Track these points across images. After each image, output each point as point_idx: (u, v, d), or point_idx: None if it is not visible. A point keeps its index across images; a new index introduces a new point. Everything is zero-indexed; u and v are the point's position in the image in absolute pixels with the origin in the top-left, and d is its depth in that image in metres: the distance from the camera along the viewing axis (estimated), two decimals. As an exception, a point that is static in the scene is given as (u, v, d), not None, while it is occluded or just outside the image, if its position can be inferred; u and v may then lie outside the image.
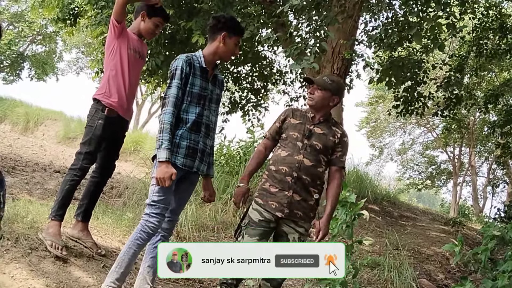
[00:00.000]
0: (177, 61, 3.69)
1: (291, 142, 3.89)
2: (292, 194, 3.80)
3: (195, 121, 3.67)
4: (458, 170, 28.89)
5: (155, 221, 3.55)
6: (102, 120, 4.44)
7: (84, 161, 4.45)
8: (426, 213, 14.76)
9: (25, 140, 19.08)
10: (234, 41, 3.79)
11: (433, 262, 7.90)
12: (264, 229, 3.81)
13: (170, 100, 3.58)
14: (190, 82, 3.67)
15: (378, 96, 27.05)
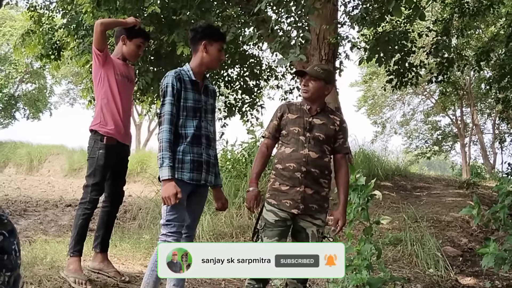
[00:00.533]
0: (166, 78, 3.68)
1: (293, 137, 3.86)
2: (304, 189, 3.79)
3: (194, 134, 3.66)
4: (463, 131, 28.85)
5: (172, 240, 3.54)
6: (102, 150, 4.46)
7: (92, 193, 4.47)
8: (438, 180, 14.74)
9: (32, 180, 19.17)
10: (216, 47, 3.76)
11: (454, 228, 7.89)
12: (282, 228, 3.81)
13: (165, 118, 3.58)
14: (183, 97, 3.66)
15: (371, 73, 27.06)
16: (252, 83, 13.56)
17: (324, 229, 3.97)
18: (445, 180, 15.00)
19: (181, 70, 3.77)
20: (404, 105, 32.81)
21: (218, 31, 3.86)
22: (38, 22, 11.70)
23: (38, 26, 11.61)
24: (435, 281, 5.43)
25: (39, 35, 11.02)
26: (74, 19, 10.11)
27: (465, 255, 6.80)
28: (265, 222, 3.83)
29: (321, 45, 9.83)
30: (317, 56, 9.88)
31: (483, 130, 30.48)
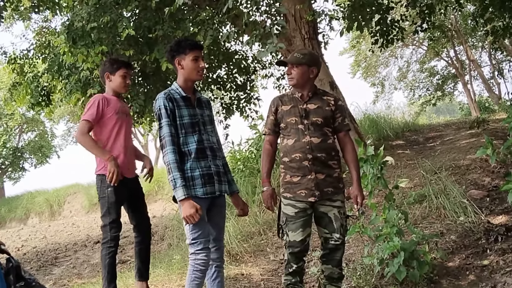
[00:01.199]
0: (157, 101, 3.68)
1: (292, 128, 3.88)
2: (316, 175, 3.80)
3: (197, 149, 3.66)
4: (461, 70, 28.68)
5: (202, 257, 3.56)
6: (111, 188, 4.53)
7: (112, 231, 4.56)
8: (448, 125, 14.67)
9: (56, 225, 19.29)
10: (189, 59, 3.72)
11: (474, 170, 7.85)
12: (303, 218, 3.83)
13: (166, 140, 3.58)
14: (178, 115, 3.65)
15: (356, 37, 26.92)
16: (242, 78, 13.54)
17: (345, 209, 3.98)
18: (455, 123, 14.92)
19: (171, 90, 3.78)
20: (397, 60, 32.71)
21: (186, 43, 3.79)
22: (21, 73, 11.75)
23: (22, 76, 11.66)
24: (467, 228, 5.42)
25: (25, 85, 11.07)
26: (54, 61, 10.13)
27: (491, 194, 6.76)
28: (286, 217, 3.86)
29: (300, 25, 9.80)
30: (298, 37, 9.85)
31: (481, 63, 30.32)
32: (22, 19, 14.79)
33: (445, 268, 4.60)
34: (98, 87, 9.58)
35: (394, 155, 10.21)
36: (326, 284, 4.02)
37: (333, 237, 3.87)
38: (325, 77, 10.03)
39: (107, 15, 8.74)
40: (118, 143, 4.67)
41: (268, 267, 5.70)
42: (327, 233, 3.89)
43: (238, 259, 6.03)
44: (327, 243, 3.91)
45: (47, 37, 11.66)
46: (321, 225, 3.92)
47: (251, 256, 6.13)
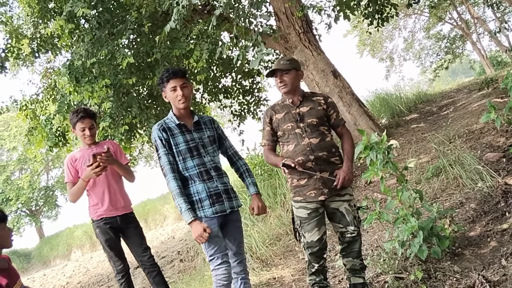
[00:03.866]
0: (153, 133, 3.87)
1: (290, 134, 3.99)
2: (320, 174, 3.92)
3: (200, 172, 3.80)
4: (467, 29, 28.38)
5: (222, 271, 3.72)
6: (98, 229, 5.02)
7: (115, 264, 5.04)
8: (460, 89, 14.60)
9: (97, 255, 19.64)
10: (169, 89, 3.87)
11: (487, 132, 7.83)
12: (317, 218, 3.95)
13: (166, 169, 3.76)
14: (173, 143, 3.81)
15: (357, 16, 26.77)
16: (248, 82, 13.64)
17: (355, 201, 4.10)
18: (466, 87, 14.83)
19: (165, 119, 3.94)
20: (401, 31, 32.48)
21: (164, 75, 3.91)
22: (34, 117, 11.99)
23: (36, 120, 11.89)
24: (486, 194, 5.44)
25: (39, 129, 11.29)
26: (63, 102, 10.32)
27: (507, 154, 6.74)
28: (299, 220, 3.98)
29: (292, 21, 9.88)
30: (293, 33, 9.94)
31: (485, 19, 29.93)
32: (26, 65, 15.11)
33: (467, 239, 4.65)
34: (109, 119, 9.77)
35: (408, 130, 10.24)
36: (350, 277, 4.13)
37: (348, 230, 3.98)
38: (326, 67, 10.09)
39: (104, 49, 8.91)
40: (97, 188, 5.01)
41: (299, 266, 5.79)
42: (342, 227, 4.00)
43: (268, 264, 6.14)
44: (343, 237, 4.02)
45: (53, 78, 11.89)
46: (335, 221, 4.03)
47: (281, 258, 6.23)
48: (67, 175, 5.03)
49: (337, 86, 10.03)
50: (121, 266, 4.99)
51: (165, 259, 10.85)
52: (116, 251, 5.01)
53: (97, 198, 5.01)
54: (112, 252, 4.99)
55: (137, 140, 12.37)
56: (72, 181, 4.97)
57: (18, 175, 35.26)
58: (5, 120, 31.76)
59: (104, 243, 5.01)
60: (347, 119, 9.92)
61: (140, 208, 23.95)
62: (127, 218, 5.17)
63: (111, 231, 4.99)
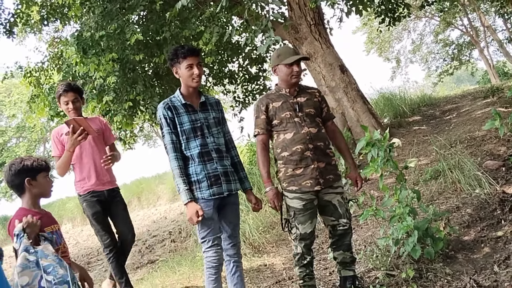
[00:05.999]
0: (158, 111, 3.87)
1: (288, 122, 3.96)
2: (318, 164, 3.93)
3: (201, 152, 3.80)
4: (476, 36, 28.33)
5: (212, 253, 3.75)
6: (85, 202, 5.03)
7: (103, 238, 5.05)
8: (465, 95, 14.58)
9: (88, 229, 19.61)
10: (184, 66, 3.84)
11: (490, 140, 7.85)
12: (311, 210, 3.95)
13: (168, 148, 3.78)
14: (178, 122, 3.81)
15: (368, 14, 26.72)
16: (255, 69, 13.62)
17: (345, 194, 4.13)
18: (471, 93, 14.83)
19: (171, 98, 3.93)
20: (410, 33, 32.44)
21: (180, 51, 3.88)
22: (38, 85, 11.97)
23: (39, 89, 11.88)
24: (483, 201, 5.45)
25: (42, 97, 11.28)
26: (68, 72, 10.32)
27: (507, 163, 6.75)
28: (293, 211, 3.95)
29: (304, 12, 9.86)
30: (304, 24, 9.92)
31: (496, 28, 29.85)
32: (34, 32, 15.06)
33: (461, 242, 4.67)
34: (112, 94, 9.76)
35: (410, 131, 10.25)
36: (340, 270, 4.15)
37: (340, 223, 4.00)
38: (334, 61, 10.08)
39: (114, 22, 8.90)
40: (84, 163, 5.05)
41: (290, 255, 5.80)
42: (334, 220, 4.00)
43: (260, 250, 6.16)
44: (335, 230, 4.03)
45: (59, 48, 11.86)
46: (326, 214, 4.04)
47: (273, 246, 6.26)
48: (54, 149, 5.08)
49: (343, 81, 10.02)
50: (108, 240, 5.01)
51: (156, 238, 10.88)
52: (104, 224, 5.03)
53: (83, 173, 5.06)
54: (100, 226, 5.00)
55: (139, 118, 12.36)
56: (59, 155, 4.98)
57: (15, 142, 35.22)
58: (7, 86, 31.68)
59: (91, 216, 5.01)
60: (350, 115, 9.94)
61: (134, 186, 23.93)
62: (114, 192, 5.22)
63: (98, 204, 5.03)
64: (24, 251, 2.96)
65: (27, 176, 3.23)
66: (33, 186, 3.24)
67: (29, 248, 2.98)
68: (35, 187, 3.25)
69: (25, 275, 2.89)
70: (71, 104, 5.00)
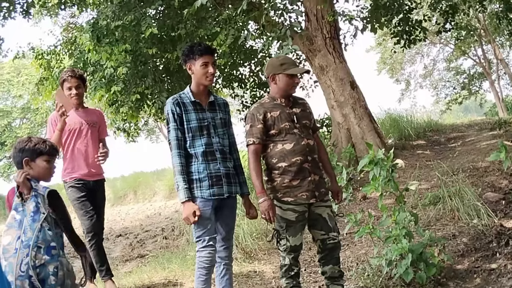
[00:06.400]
0: (166, 106, 3.84)
1: (288, 133, 3.90)
2: (314, 177, 3.91)
3: (205, 151, 3.77)
4: (489, 69, 28.34)
5: (206, 254, 3.72)
6: (70, 188, 5.06)
7: (85, 223, 5.01)
8: (471, 126, 14.55)
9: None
10: (199, 64, 3.80)
11: (492, 172, 7.82)
12: (302, 223, 3.92)
13: (173, 144, 3.75)
14: (186, 119, 3.78)
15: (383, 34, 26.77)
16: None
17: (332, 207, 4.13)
18: (478, 124, 14.80)
19: (181, 94, 3.91)
20: (423, 58, 32.48)
21: (197, 48, 3.85)
22: (48, 68, 12.00)
23: (49, 71, 11.90)
24: (480, 231, 5.42)
25: (51, 81, 11.31)
26: (80, 58, 10.35)
27: (507, 197, 6.71)
28: (285, 222, 3.87)
29: (321, 24, 9.86)
30: (320, 36, 9.92)
31: (509, 62, 29.86)
32: (50, 15, 15.07)
33: (454, 271, 4.64)
34: (121, 85, 9.77)
35: (413, 155, 10.22)
36: (329, 284, 4.10)
37: (330, 236, 3.95)
38: (346, 77, 10.08)
39: (131, 14, 8.92)
40: (75, 154, 5.09)
41: (281, 265, 5.79)
42: (324, 234, 3.95)
43: (252, 257, 6.13)
44: (324, 244, 3.97)
45: (74, 34, 11.89)
46: (316, 227, 3.98)
47: (265, 253, 6.23)
48: (49, 132, 5.10)
49: (352, 97, 10.02)
50: (91, 225, 4.98)
51: (148, 233, 10.86)
52: (87, 209, 5.02)
53: (74, 163, 5.11)
54: (83, 210, 4.99)
55: (145, 111, 12.37)
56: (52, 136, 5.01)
57: (18, 123, 35.30)
58: (16, 66, 31.71)
59: (76, 200, 5.01)
60: (355, 132, 9.92)
61: (131, 179, 23.94)
62: (99, 183, 5.28)
63: (84, 190, 5.06)
64: (14, 209, 2.99)
65: (26, 156, 3.24)
66: (30, 168, 3.24)
67: (18, 207, 3.04)
68: (32, 169, 3.24)
69: (9, 234, 2.92)
70: (74, 90, 5.04)
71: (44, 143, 3.31)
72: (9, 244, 2.89)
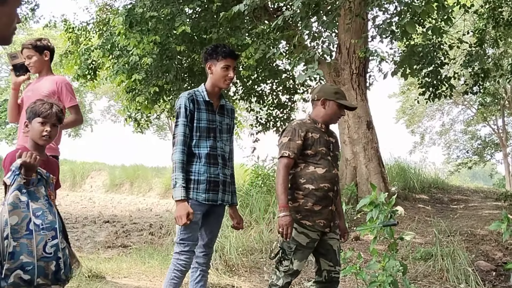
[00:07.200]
0: (180, 99, 3.75)
1: (322, 158, 3.86)
2: (333, 207, 3.89)
3: (208, 154, 3.70)
4: (505, 141, 28.26)
5: (185, 258, 3.64)
6: None
7: None
8: (477, 192, 14.49)
9: (74, 196, 19.62)
10: (220, 66, 3.73)
11: (488, 242, 7.75)
12: (310, 250, 3.84)
13: (178, 139, 3.65)
14: (196, 117, 3.71)
15: (409, 83, 26.79)
16: (285, 97, 13.64)
17: None
18: (484, 192, 14.73)
19: (196, 91, 3.83)
20: (443, 115, 32.44)
21: (221, 50, 3.79)
22: (75, 43, 12.06)
23: (76, 47, 11.96)
24: (465, 297, 5.36)
25: (76, 55, 11.35)
26: (109, 40, 10.38)
27: (498, 269, 6.65)
28: (296, 245, 3.79)
29: (351, 59, 9.86)
30: (347, 70, 9.91)
31: (526, 139, 29.80)
32: (89, -8, 15.20)
33: (431, 330, 4.57)
34: (143, 74, 9.78)
35: (414, 207, 10.15)
36: None
37: (336, 269, 3.89)
38: (364, 115, 10.05)
39: (168, 8, 8.95)
40: None
41: (260, 285, 5.71)
42: (331, 266, 3.87)
43: (233, 271, 6.06)
44: (329, 275, 3.88)
45: (108, 15, 11.96)
46: (326, 258, 3.90)
47: (247, 271, 6.16)
48: None
49: (366, 137, 9.98)
50: None
51: (136, 226, 10.80)
52: None
53: None
54: None
55: (159, 106, 12.37)
56: None
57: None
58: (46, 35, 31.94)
59: None
60: (362, 171, 9.87)
61: (131, 170, 23.93)
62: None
63: None
64: (17, 189, 2.91)
65: (28, 118, 3.24)
66: (28, 129, 3.23)
67: (21, 188, 2.92)
68: (30, 131, 3.23)
69: (15, 214, 2.83)
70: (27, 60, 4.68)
71: (44, 105, 3.24)
72: (17, 224, 2.84)
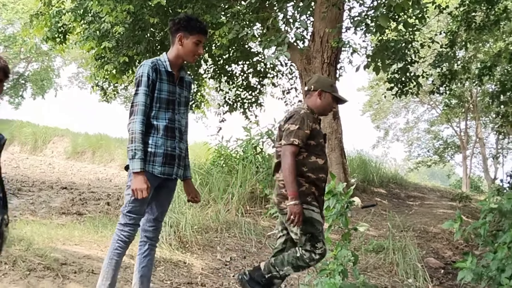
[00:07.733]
0: (142, 67, 3.61)
1: (321, 149, 3.96)
2: (323, 197, 4.10)
3: (167, 126, 3.62)
4: (466, 143, 28.81)
5: (129, 230, 3.59)
6: None
7: None
8: (434, 191, 14.79)
9: (33, 160, 19.27)
10: (192, 41, 3.63)
11: (440, 240, 7.93)
12: None
13: (139, 109, 3.53)
14: (158, 88, 3.60)
15: (378, 79, 27.02)
16: (255, 80, 13.61)
17: None
18: (441, 191, 15.05)
19: (158, 59, 3.68)
20: (408, 113, 32.88)
21: (196, 24, 3.68)
22: (47, 5, 11.77)
23: (47, 8, 11.68)
24: (412, 291, 5.47)
25: (46, 17, 11.08)
26: (82, 4, 10.17)
27: (447, 267, 6.82)
28: (321, 225, 3.91)
29: (324, 48, 9.86)
30: (319, 59, 9.92)
31: (486, 143, 30.43)
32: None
33: (375, 321, 4.65)
34: (114, 42, 9.63)
35: (371, 200, 10.30)
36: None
37: None
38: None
39: (144, -22, 8.83)
40: None
41: (212, 264, 5.73)
42: None
43: (186, 247, 6.05)
44: None
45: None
46: None
47: (200, 248, 6.15)
48: None
49: (331, 127, 10.05)
50: None
51: (93, 195, 10.67)
52: None
53: None
54: None
55: (128, 77, 12.20)
56: None
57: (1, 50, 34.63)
58: (16, -6, 31.10)
59: None
60: (324, 161, 9.95)
61: (94, 138, 23.60)
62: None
63: None
64: None
65: None
66: None
67: None
68: None
69: None
70: None
71: None
72: None
